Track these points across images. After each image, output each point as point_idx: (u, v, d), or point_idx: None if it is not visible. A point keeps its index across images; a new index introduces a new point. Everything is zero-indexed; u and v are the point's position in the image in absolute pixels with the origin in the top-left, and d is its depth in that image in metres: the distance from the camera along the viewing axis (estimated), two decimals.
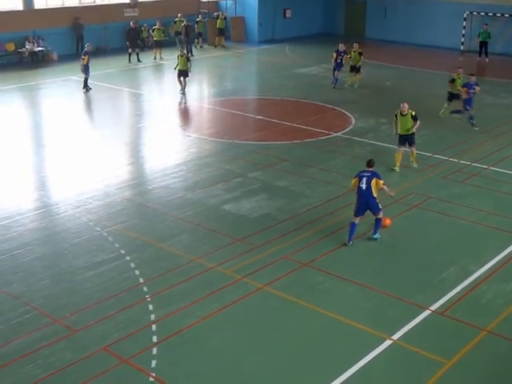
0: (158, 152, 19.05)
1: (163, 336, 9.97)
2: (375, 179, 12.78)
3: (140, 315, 10.53)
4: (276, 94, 25.66)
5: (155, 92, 27.11)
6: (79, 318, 10.45)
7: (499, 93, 26.61)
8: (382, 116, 22.36)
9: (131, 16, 34.33)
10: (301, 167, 17.42)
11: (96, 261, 12.30)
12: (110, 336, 9.95)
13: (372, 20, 39.23)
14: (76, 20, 32.14)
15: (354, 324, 10.35)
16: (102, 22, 32.46)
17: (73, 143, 19.51)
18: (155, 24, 32.61)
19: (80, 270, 11.98)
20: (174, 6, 35.81)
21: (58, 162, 18.07)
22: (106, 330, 10.13)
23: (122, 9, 34.32)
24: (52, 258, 12.54)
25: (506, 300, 11.13)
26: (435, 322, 10.51)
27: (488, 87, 27.77)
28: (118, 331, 10.08)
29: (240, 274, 11.78)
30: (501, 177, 16.87)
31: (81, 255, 12.54)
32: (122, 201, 15.12)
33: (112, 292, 11.22)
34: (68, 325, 10.26)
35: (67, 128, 21.11)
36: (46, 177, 17.30)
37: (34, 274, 11.90)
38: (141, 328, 10.18)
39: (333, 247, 12.90)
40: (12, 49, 29.97)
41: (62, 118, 22.25)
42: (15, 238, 13.20)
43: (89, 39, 31.95)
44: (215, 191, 15.74)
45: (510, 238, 13.40)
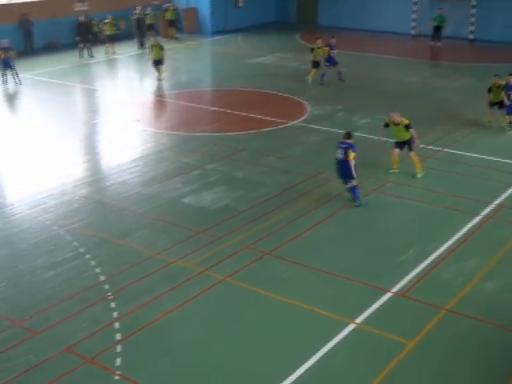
0: (114, 148, 18.85)
1: (127, 333, 9.89)
2: (349, 151, 13.71)
3: (102, 313, 10.43)
4: (230, 85, 25.59)
5: (109, 87, 26.78)
6: (40, 319, 10.30)
7: (450, 75, 27.00)
8: (338, 103, 22.55)
9: (81, 10, 33.79)
10: (258, 157, 17.43)
11: (55, 260, 12.13)
12: (72, 336, 9.83)
13: (324, 7, 39.36)
14: (24, 16, 31.51)
15: (317, 311, 10.42)
16: (51, 17, 31.85)
17: (26, 141, 19.18)
18: (106, 18, 32.19)
19: (39, 271, 11.80)
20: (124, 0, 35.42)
21: (11, 161, 17.74)
22: (69, 330, 10.01)
23: (72, 3, 33.75)
24: (9, 260, 12.32)
25: (465, 279, 11.34)
26: (397, 303, 10.65)
27: (441, 71, 28.30)
28: (81, 331, 9.96)
29: (202, 267, 11.75)
30: (455, 158, 17.17)
31: (39, 256, 12.35)
32: (79, 198, 14.93)
33: (73, 291, 11.08)
34: (28, 327, 10.10)
35: (19, 126, 20.74)
36: (1, 177, 16.97)
37: None
38: (104, 326, 10.08)
39: (293, 235, 12.95)
40: None
41: (12, 117, 21.85)
42: None
43: (38, 35, 31.51)
44: (173, 185, 15.65)
45: (466, 217, 13.65)
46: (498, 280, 11.33)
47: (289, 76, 27.10)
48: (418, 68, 28.99)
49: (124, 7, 34.71)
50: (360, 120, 20.56)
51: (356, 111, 21.50)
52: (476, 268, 11.69)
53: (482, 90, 23.36)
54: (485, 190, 15.09)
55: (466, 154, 17.40)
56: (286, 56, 31.33)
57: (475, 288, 11.08)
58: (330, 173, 16.00)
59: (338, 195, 14.77)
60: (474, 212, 13.88)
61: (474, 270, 11.61)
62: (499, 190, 14.99)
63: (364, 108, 21.93)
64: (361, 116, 20.96)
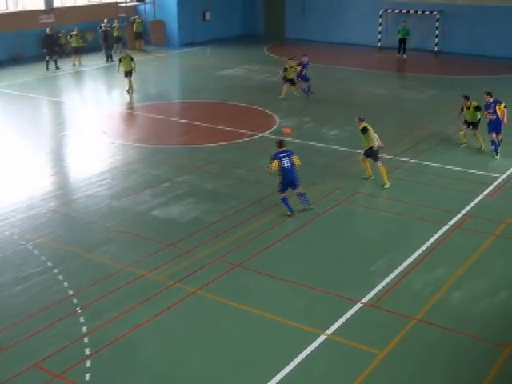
0: (82, 161, 18.67)
1: (96, 348, 9.77)
2: (293, 157, 14.27)
3: (71, 328, 10.29)
4: (199, 97, 25.60)
5: (76, 100, 26.52)
6: (7, 335, 10.12)
7: (416, 87, 27.37)
8: (306, 115, 22.69)
9: (47, 22, 33.50)
10: (227, 169, 17.43)
11: (22, 275, 11.94)
12: (40, 352, 9.68)
13: (291, 20, 39.66)
14: None
15: (288, 322, 10.42)
16: (16, 29, 31.51)
17: None
18: (73, 30, 31.99)
19: (6, 286, 11.60)
20: (91, 12, 35.32)
21: None
22: (37, 345, 9.86)
23: (37, 15, 33.45)
24: None
25: (434, 288, 11.45)
26: (367, 314, 10.70)
27: (407, 82, 28.69)
28: (49, 346, 9.81)
29: (172, 280, 11.68)
30: (422, 168, 17.38)
31: (6, 271, 12.15)
32: (46, 212, 14.75)
33: (41, 306, 10.92)
34: None
35: None
36: None
37: None
38: (73, 341, 9.94)
39: (264, 247, 12.95)
40: None
41: None
42: None
43: (3, 47, 31.13)
44: (142, 197, 15.55)
45: (434, 227, 13.80)
46: (466, 289, 11.46)
47: (257, 88, 27.22)
48: (385, 80, 29.36)
49: (91, 19, 34.54)
50: (329, 132, 20.72)
51: (324, 123, 21.65)
52: (444, 277, 11.82)
53: (446, 101, 23.83)
54: (452, 199, 15.28)
55: (433, 164, 17.62)
56: (253, 68, 31.47)
57: (444, 297, 11.20)
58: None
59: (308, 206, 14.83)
60: (442, 222, 14.05)
61: (442, 280, 11.73)
62: (466, 199, 15.20)
63: (332, 120, 22.12)
64: (329, 128, 21.11)
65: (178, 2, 36.95)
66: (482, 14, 32.99)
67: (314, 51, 35.73)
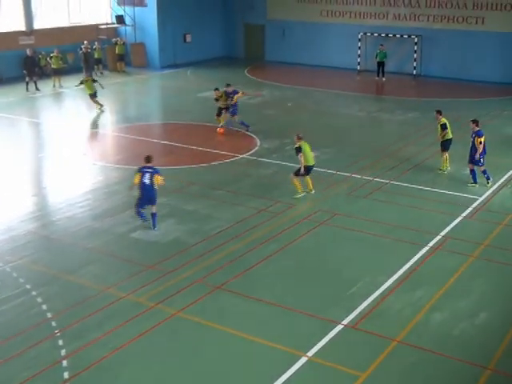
0: (62, 182, 18.56)
1: (75, 371, 9.65)
2: (156, 175, 14.61)
3: (49, 351, 10.18)
4: (180, 119, 25.64)
5: (56, 121, 26.42)
6: None
7: (395, 110, 27.64)
8: (286, 136, 22.74)
9: (27, 44, 33.42)
10: (208, 190, 17.43)
11: (0, 298, 11.80)
12: (17, 376, 9.54)
13: (271, 43, 39.99)
14: None
15: (269, 344, 10.39)
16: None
17: None
18: (53, 51, 31.96)
19: None
20: (72, 33, 35.31)
21: None
22: (13, 370, 9.71)
23: (17, 36, 33.39)
24: None
25: (414, 309, 11.50)
26: (348, 335, 10.71)
27: (386, 105, 28.96)
28: (27, 370, 9.67)
29: (153, 302, 11.61)
30: (401, 190, 17.49)
31: None
32: (25, 234, 14.62)
33: (18, 330, 10.78)
34: None
35: None
36: None
37: None
38: (51, 365, 9.82)
39: (244, 269, 12.94)
40: None
41: None
42: None
43: None
44: (124, 219, 15.49)
45: (413, 248, 13.88)
46: (446, 310, 11.51)
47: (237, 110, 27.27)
48: (364, 102, 29.63)
49: (71, 41, 34.54)
50: None
51: None
52: (424, 298, 11.87)
53: (424, 123, 24.10)
54: (431, 221, 15.40)
55: (412, 186, 17.75)
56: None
57: (424, 318, 11.23)
58: (280, 206, 16.16)
59: (288, 228, 14.87)
60: (421, 243, 14.13)
61: (422, 301, 11.78)
62: (445, 221, 15.32)
63: (311, 141, 22.12)
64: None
65: (158, 24, 37.09)
66: (459, 39, 33.52)
67: (294, 74, 36.19)
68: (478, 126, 17.49)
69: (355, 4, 36.60)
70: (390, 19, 35.69)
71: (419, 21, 34.91)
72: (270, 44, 40.13)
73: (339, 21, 37.25)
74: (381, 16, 35.94)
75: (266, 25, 39.94)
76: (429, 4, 34.41)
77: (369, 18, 36.36)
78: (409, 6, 35.00)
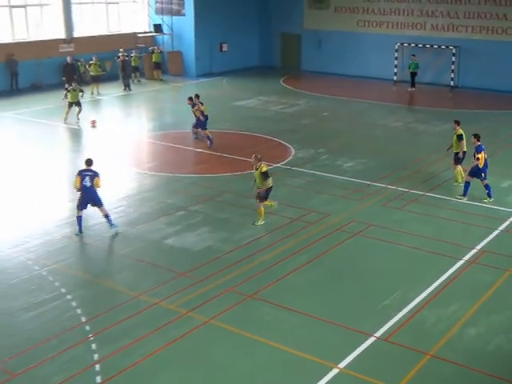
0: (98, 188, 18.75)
1: (107, 376, 9.73)
2: (96, 178, 14.80)
3: (83, 355, 10.27)
4: (215, 127, 25.71)
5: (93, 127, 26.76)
6: (19, 361, 10.11)
7: (431, 121, 27.37)
8: (321, 146, 22.76)
9: (67, 51, 34.07)
10: (242, 199, 17.46)
11: (36, 301, 11.97)
12: (51, 378, 9.66)
13: (307, 52, 40.02)
14: (10, 56, 31.69)
15: (300, 354, 10.34)
16: (36, 57, 32.01)
17: (9, 180, 19.08)
18: (92, 59, 32.44)
19: (19, 312, 11.63)
20: (110, 41, 35.81)
21: None
22: (48, 372, 9.84)
23: (57, 44, 34.02)
24: None
25: (448, 324, 11.33)
26: (380, 348, 10.60)
27: (422, 116, 28.69)
28: (61, 373, 9.79)
29: (185, 309, 11.66)
30: (437, 202, 17.30)
31: (19, 296, 12.19)
32: (61, 238, 14.82)
33: (53, 333, 10.92)
34: (7, 369, 9.92)
35: (2, 165, 20.64)
36: None
37: None
38: (84, 368, 9.92)
39: (276, 278, 12.91)
40: None
41: None
42: None
43: (24, 75, 31.58)
44: (157, 225, 15.60)
45: (448, 262, 13.71)
46: (481, 325, 11.32)
47: (272, 119, 27.39)
48: (400, 113, 29.46)
49: (109, 49, 35.02)
50: (344, 164, 20.72)
51: (339, 155, 21.69)
52: (459, 313, 11.70)
53: None
54: (467, 234, 15.21)
55: (449, 198, 17.54)
56: (269, 99, 31.70)
57: (459, 333, 11.07)
58: (314, 215, 16.11)
59: (321, 238, 14.81)
60: (457, 257, 13.95)
61: (457, 315, 11.61)
62: (481, 234, 15.11)
63: (347, 152, 22.15)
64: (344, 160, 21.13)
65: (195, 33, 37.43)
66: (498, 50, 33.12)
67: (329, 83, 36.15)
68: (479, 141, 17.05)
69: (392, 14, 36.45)
70: (427, 30, 35.44)
71: (457, 31, 34.58)
72: (306, 54, 40.14)
73: (376, 31, 37.13)
74: (418, 26, 35.70)
75: (302, 34, 39.97)
76: (467, 15, 34.07)
77: (406, 28, 36.15)
78: (447, 16, 34.71)
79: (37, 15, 33.94)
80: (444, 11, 34.76)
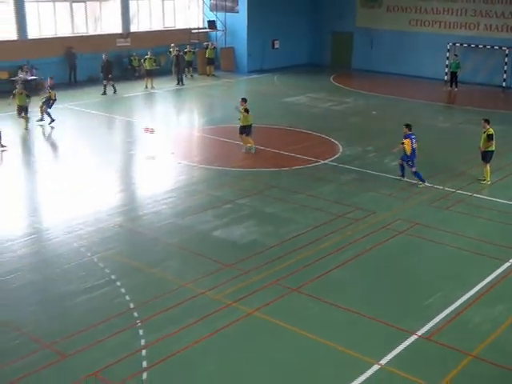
0: (148, 179, 19.05)
1: (153, 361, 9.85)
2: None
3: (130, 340, 10.42)
4: (264, 122, 25.74)
5: (146, 120, 27.11)
6: (70, 343, 10.32)
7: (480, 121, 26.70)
8: (369, 144, 22.57)
9: (123, 46, 34.60)
10: (289, 194, 17.45)
11: (87, 286, 12.19)
12: (100, 361, 9.82)
13: (359, 51, 39.66)
14: (69, 49, 32.30)
15: (341, 349, 10.28)
16: (94, 51, 32.53)
17: (64, 169, 19.48)
18: (147, 54, 32.81)
19: (70, 296, 11.87)
20: (165, 37, 36.14)
21: (51, 188, 18.02)
22: (97, 354, 10.01)
23: (115, 39, 34.53)
24: (42, 284, 12.43)
25: (493, 325, 11.11)
26: (422, 346, 10.46)
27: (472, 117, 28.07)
28: (109, 356, 9.95)
29: (229, 300, 11.71)
30: (484, 203, 16.99)
31: (71, 281, 12.43)
32: (113, 226, 15.07)
33: (103, 317, 11.10)
34: (58, 350, 10.13)
35: (58, 155, 21.11)
36: (38, 203, 17.23)
37: (24, 299, 11.77)
38: (131, 353, 10.06)
39: (320, 273, 12.86)
40: (5, 77, 29.97)
41: (53, 145, 22.24)
42: (5, 263, 13.07)
43: (82, 68, 32.14)
44: (205, 217, 15.71)
45: (493, 263, 13.43)
46: None
47: (321, 116, 27.27)
48: (450, 113, 29.01)
49: (165, 44, 35.34)
50: (391, 162, 20.43)
51: (387, 153, 21.41)
52: (504, 314, 11.45)
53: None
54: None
55: (496, 199, 17.20)
56: (319, 96, 31.56)
57: (504, 335, 10.84)
58: (359, 212, 16.00)
59: (366, 235, 14.69)
60: (503, 258, 13.66)
61: (502, 317, 11.37)
62: None
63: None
64: (392, 158, 20.84)
65: (248, 30, 37.49)
66: None
67: (380, 82, 35.73)
68: (410, 131, 18.02)
69: (445, 14, 35.84)
70: (480, 29, 34.72)
71: (511, 32, 33.78)
72: (357, 52, 39.78)
73: (428, 30, 36.57)
74: (471, 26, 35.02)
75: (355, 33, 39.62)
76: None
77: (459, 28, 35.50)
78: (501, 16, 33.95)
79: (96, 10, 34.49)
80: (498, 11, 34.00)
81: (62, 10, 32.84)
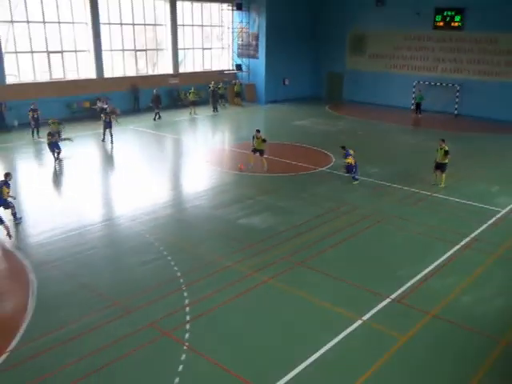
0: (191, 181, 19.07)
1: (194, 315, 9.88)
2: (4, 187, 13.33)
3: (177, 300, 10.46)
4: (277, 139, 25.66)
5: (190, 138, 27.17)
6: (133, 301, 10.39)
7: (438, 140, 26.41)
8: (355, 156, 22.30)
9: (173, 83, 34.63)
10: (295, 192, 17.35)
11: (146, 259, 12.25)
12: (155, 315, 9.88)
13: (347, 86, 39.28)
14: (133, 85, 32.42)
15: (333, 308, 10.23)
16: (152, 86, 32.61)
17: (128, 174, 19.57)
18: (191, 88, 32.83)
19: (134, 266, 11.94)
20: (204, 76, 36.17)
21: (121, 186, 18.10)
22: (152, 310, 10.07)
23: (167, 78, 34.59)
24: (113, 257, 12.51)
25: (447, 292, 10.99)
26: (394, 307, 10.38)
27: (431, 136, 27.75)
28: (161, 311, 10.00)
29: (251, 270, 11.70)
30: (441, 201, 16.76)
31: (134, 255, 12.50)
32: (165, 216, 15.10)
33: (157, 282, 11.15)
34: (125, 306, 10.20)
35: (125, 162, 21.20)
36: (111, 198, 17.33)
37: (100, 268, 11.86)
38: (178, 309, 10.10)
39: (318, 251, 12.79)
40: (87, 106, 30.18)
41: (122, 156, 22.35)
42: (88, 242, 13.19)
43: (144, 99, 32.24)
44: (232, 210, 15.68)
45: (448, 246, 13.27)
46: (472, 294, 10.94)
47: (319, 135, 27.05)
48: (415, 133, 28.61)
49: (203, 81, 35.38)
50: (371, 169, 20.29)
51: (367, 162, 21.23)
52: (456, 284, 11.33)
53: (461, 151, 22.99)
54: (463, 225, 14.67)
55: (450, 198, 16.98)
56: (317, 121, 31.32)
57: (454, 299, 10.72)
58: (347, 207, 15.87)
59: (352, 224, 14.57)
60: (455, 242, 13.49)
61: (454, 286, 11.25)
62: (474, 226, 14.56)
63: (374, 160, 21.71)
64: (371, 166, 20.70)
65: (265, 71, 37.34)
66: (491, 88, 31.78)
67: (363, 110, 35.42)
68: (345, 150, 18.41)
69: (412, 60, 35.42)
70: (438, 71, 34.27)
71: (460, 73, 33.35)
72: (346, 87, 39.44)
73: (399, 72, 36.10)
74: (432, 69, 34.55)
75: (345, 73, 39.30)
76: (469, 61, 32.83)
77: (422, 70, 35.04)
78: (453, 62, 33.51)
79: (154, 56, 34.58)
80: (451, 58, 33.58)
81: (129, 57, 32.97)
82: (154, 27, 33.93)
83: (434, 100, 33.78)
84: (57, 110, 28.48)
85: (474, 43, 32.59)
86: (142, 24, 33.10)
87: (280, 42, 37.41)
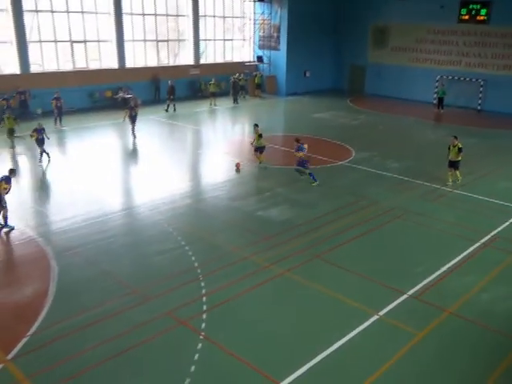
0: (210, 171, 19.12)
1: (210, 305, 9.95)
2: (3, 182, 12.93)
3: (194, 290, 10.53)
4: (297, 132, 25.50)
5: (210, 129, 27.23)
6: (151, 289, 10.50)
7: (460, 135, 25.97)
8: (375, 150, 22.16)
9: (194, 74, 34.67)
10: (311, 185, 17.27)
11: (164, 248, 12.35)
12: (172, 304, 9.97)
13: (370, 79, 38.88)
14: (155, 76, 32.55)
15: (349, 302, 10.20)
16: (173, 77, 32.68)
17: (148, 164, 19.70)
18: (211, 80, 32.84)
19: (152, 254, 12.04)
20: (225, 67, 36.17)
21: (140, 176, 18.24)
22: (170, 299, 10.16)
23: (188, 69, 34.65)
24: (133, 245, 12.63)
25: (464, 289, 10.87)
26: (411, 303, 10.30)
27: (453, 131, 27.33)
28: (178, 300, 10.09)
29: (267, 262, 11.71)
30: (462, 198, 16.54)
31: (153, 244, 12.61)
32: (184, 206, 15.18)
33: (175, 271, 11.25)
34: (143, 294, 10.31)
35: (145, 152, 21.34)
36: (131, 188, 17.48)
37: (120, 256, 12.00)
38: (195, 299, 10.17)
39: (335, 245, 12.75)
40: (109, 95, 30.42)
41: (143, 146, 22.49)
42: (108, 230, 13.35)
43: (164, 90, 32.34)
44: (250, 202, 15.70)
45: (468, 243, 13.09)
46: (491, 292, 10.80)
47: (340, 128, 26.87)
48: (437, 128, 28.23)
49: (224, 73, 35.36)
50: (391, 164, 20.10)
51: (388, 157, 21.06)
52: (475, 282, 11.19)
53: (483, 147, 22.59)
54: (484, 223, 14.45)
55: (471, 195, 16.74)
56: (338, 114, 31.10)
57: (473, 297, 10.60)
58: (366, 201, 15.76)
59: (371, 218, 14.48)
60: (475, 239, 13.31)
61: (472, 284, 11.11)
62: (495, 224, 14.33)
63: (394, 155, 21.50)
64: (392, 161, 20.51)
65: (287, 63, 37.16)
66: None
67: (385, 104, 35.05)
68: (299, 143, 17.18)
69: (435, 54, 34.87)
70: (462, 66, 33.69)
71: (485, 68, 32.73)
72: (368, 81, 39.01)
73: (422, 66, 35.61)
74: (455, 63, 33.98)
75: (367, 66, 38.89)
76: (494, 56, 32.19)
77: (445, 64, 34.49)
78: (478, 57, 32.89)
79: (175, 47, 34.66)
80: (476, 53, 32.97)
81: (151, 47, 33.09)
82: (175, 18, 33.96)
83: (456, 95, 33.23)
84: (79, 99, 28.81)
85: (499, 37, 31.95)
86: (164, 15, 33.15)
87: (301, 34, 37.13)
